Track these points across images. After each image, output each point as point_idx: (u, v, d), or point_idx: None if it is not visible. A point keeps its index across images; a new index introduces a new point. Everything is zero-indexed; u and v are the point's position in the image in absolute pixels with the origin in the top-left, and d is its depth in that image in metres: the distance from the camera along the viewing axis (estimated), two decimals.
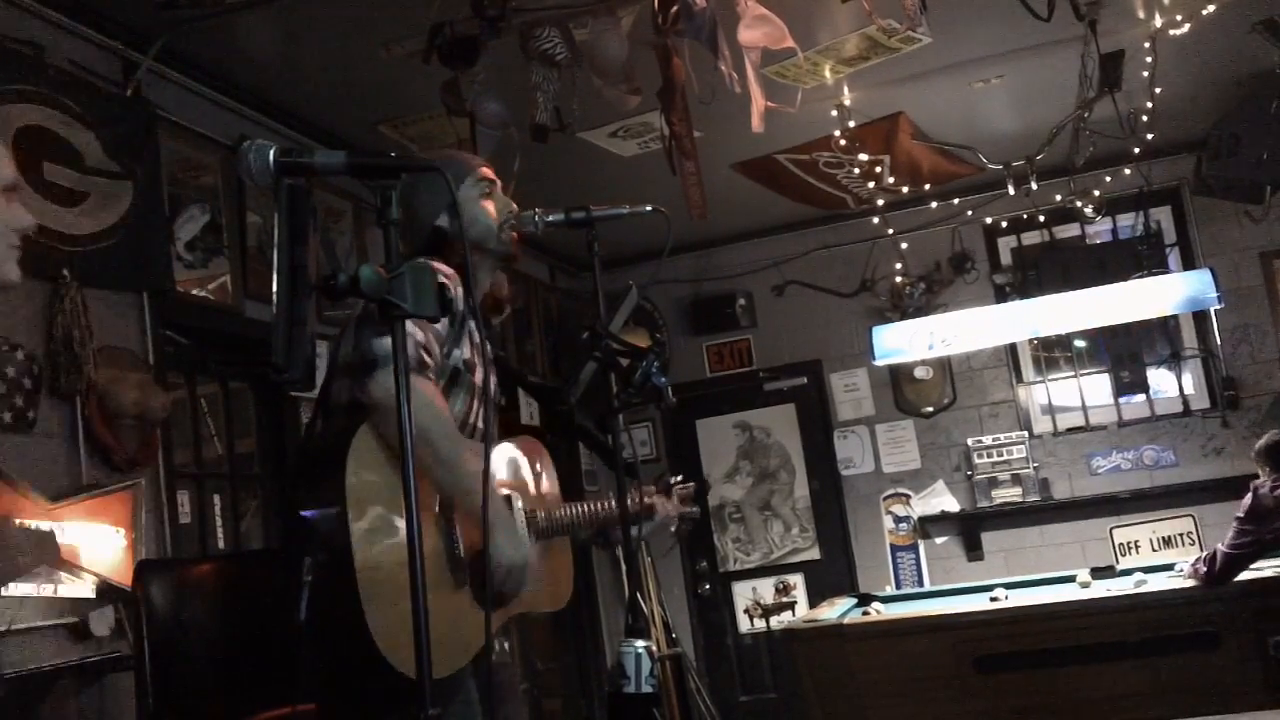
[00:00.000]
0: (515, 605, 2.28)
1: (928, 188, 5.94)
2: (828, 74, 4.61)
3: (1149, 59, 4.74)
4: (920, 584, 6.62)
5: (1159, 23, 4.52)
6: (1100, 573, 4.83)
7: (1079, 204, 6.06)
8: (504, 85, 3.67)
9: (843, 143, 5.03)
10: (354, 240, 4.87)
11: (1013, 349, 6.77)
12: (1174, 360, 6.60)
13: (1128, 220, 6.60)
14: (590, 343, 2.35)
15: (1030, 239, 6.76)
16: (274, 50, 4.14)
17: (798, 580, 7.01)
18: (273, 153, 1.60)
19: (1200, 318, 6.50)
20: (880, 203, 5.86)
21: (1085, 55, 4.72)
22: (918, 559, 6.81)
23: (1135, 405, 6.63)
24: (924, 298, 6.81)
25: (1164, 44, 4.68)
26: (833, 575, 6.91)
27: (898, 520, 6.88)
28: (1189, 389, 6.58)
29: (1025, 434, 6.63)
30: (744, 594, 7.04)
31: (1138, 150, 5.60)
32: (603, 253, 2.45)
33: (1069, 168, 5.90)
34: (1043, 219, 6.47)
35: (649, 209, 2.42)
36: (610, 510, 2.43)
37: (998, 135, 5.69)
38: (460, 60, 3.56)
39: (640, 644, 2.24)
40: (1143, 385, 6.63)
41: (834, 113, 4.96)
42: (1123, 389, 6.66)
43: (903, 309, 6.78)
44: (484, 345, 2.30)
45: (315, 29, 3.96)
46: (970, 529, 6.68)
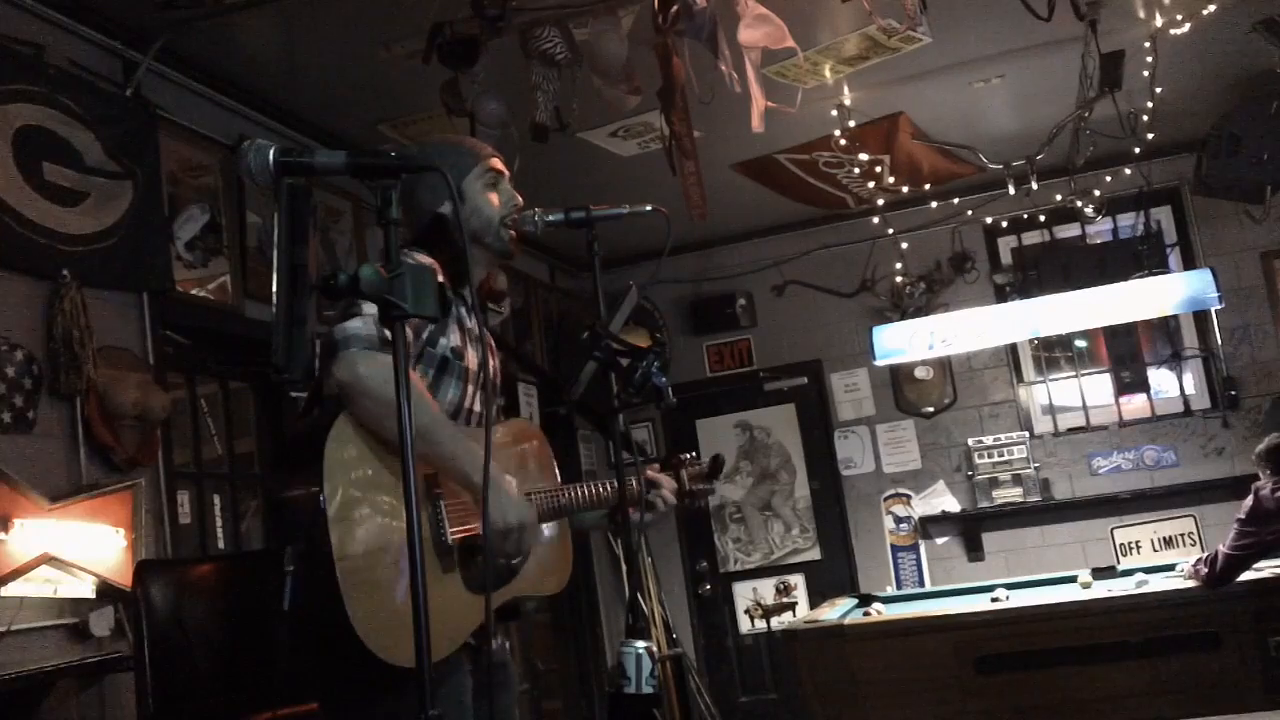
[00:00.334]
0: (515, 585, 2.23)
1: (928, 188, 5.93)
2: (828, 74, 4.61)
3: (1149, 59, 4.74)
4: (921, 584, 6.62)
5: (1159, 23, 4.51)
6: (1101, 573, 4.82)
7: (1079, 204, 6.05)
8: (504, 85, 3.67)
9: (843, 143, 5.03)
10: (354, 240, 4.87)
11: (1013, 349, 6.77)
12: (1175, 360, 6.60)
13: (1128, 220, 6.59)
14: (590, 342, 2.34)
15: (1030, 239, 6.76)
16: (274, 50, 4.14)
17: (798, 581, 7.01)
18: (273, 152, 1.60)
19: (1201, 318, 6.50)
20: (880, 203, 5.85)
21: (1085, 55, 4.72)
22: (918, 559, 6.81)
23: (1136, 405, 6.63)
24: (924, 298, 6.81)
25: (1164, 44, 4.67)
26: (833, 575, 6.91)
27: (898, 520, 6.87)
28: (1190, 389, 6.58)
29: (1026, 434, 6.63)
30: (744, 594, 7.04)
31: (1138, 150, 5.60)
32: (603, 253, 2.44)
33: (1069, 168, 5.89)
34: (1043, 219, 6.48)
35: (649, 209, 2.41)
36: (610, 493, 2.42)
37: (998, 135, 5.69)
38: (460, 60, 3.56)
39: (641, 644, 2.22)
40: (1143, 385, 6.64)
41: (834, 113, 4.96)
42: (1123, 389, 6.66)
43: (903, 309, 6.78)
44: (482, 332, 2.29)
45: (315, 29, 3.96)
46: (971, 529, 6.68)
